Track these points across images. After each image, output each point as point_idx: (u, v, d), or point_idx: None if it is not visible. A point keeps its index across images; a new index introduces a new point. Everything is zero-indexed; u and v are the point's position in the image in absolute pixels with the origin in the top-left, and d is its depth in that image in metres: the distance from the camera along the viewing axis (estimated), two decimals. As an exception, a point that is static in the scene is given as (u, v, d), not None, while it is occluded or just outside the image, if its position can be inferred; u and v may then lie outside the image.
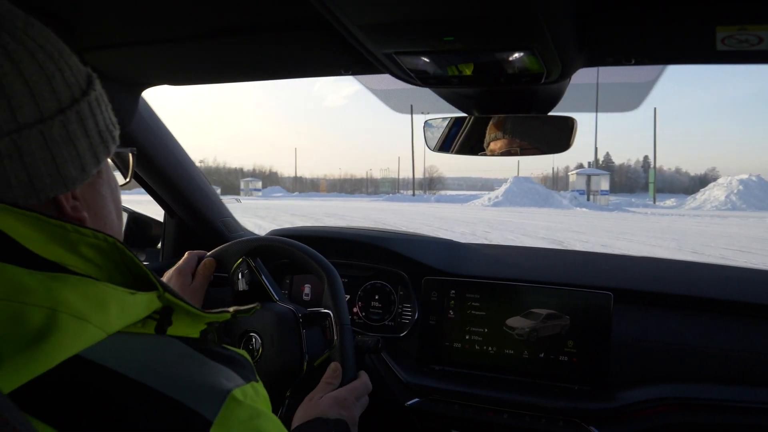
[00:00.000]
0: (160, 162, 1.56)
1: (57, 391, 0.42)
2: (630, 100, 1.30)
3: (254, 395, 0.52)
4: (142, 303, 0.49)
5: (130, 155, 0.73)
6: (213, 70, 1.30)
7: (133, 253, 0.53)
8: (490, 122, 1.23)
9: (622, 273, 1.48)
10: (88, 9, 1.01)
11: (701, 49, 0.92)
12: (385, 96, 1.41)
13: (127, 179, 0.71)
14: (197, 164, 1.74)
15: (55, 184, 0.51)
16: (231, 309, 0.59)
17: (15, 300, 0.42)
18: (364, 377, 1.09)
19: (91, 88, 0.55)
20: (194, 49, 1.14)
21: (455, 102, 1.27)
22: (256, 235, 1.92)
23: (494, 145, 1.23)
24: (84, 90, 0.54)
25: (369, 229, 1.81)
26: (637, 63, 1.00)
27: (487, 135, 1.23)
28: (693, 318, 1.35)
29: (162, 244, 1.85)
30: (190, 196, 1.71)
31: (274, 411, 0.93)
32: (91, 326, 0.44)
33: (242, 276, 1.23)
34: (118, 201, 0.63)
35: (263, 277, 1.23)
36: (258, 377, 0.56)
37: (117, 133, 0.59)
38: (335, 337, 1.12)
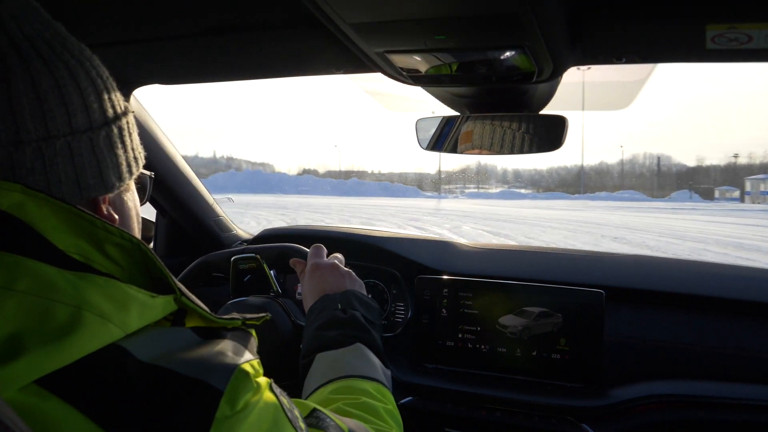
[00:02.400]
0: (151, 162, 1.56)
1: (79, 370, 0.45)
2: (620, 98, 1.31)
3: (258, 368, 0.56)
4: (160, 306, 0.52)
5: (149, 179, 0.75)
6: (203, 69, 1.30)
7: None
8: (480, 118, 1.23)
9: (614, 271, 1.49)
10: (78, 8, 1.00)
11: (691, 48, 0.93)
12: (377, 95, 1.41)
13: (144, 201, 0.76)
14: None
15: (97, 186, 0.57)
16: (239, 317, 0.61)
17: (44, 296, 0.45)
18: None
19: (129, 111, 0.64)
20: (184, 48, 1.14)
21: (447, 101, 1.27)
22: (247, 235, 1.92)
23: (483, 148, 1.23)
24: (124, 111, 0.62)
25: (361, 228, 1.81)
26: (628, 62, 1.00)
27: (477, 132, 1.24)
28: (684, 315, 1.35)
29: (154, 244, 1.84)
30: (182, 196, 1.70)
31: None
32: (112, 325, 0.47)
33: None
34: (139, 214, 0.70)
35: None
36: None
37: (144, 154, 0.67)
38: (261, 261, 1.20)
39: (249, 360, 0.54)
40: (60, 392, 0.44)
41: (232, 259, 1.24)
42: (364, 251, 1.64)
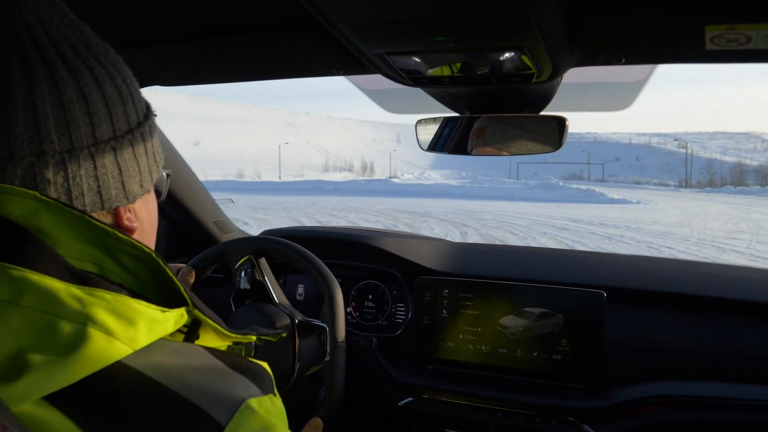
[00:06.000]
0: None
1: (82, 385, 0.44)
2: (621, 99, 1.31)
3: (270, 407, 0.53)
4: (171, 320, 0.51)
5: (166, 176, 0.74)
6: (202, 71, 1.30)
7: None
8: (480, 119, 1.23)
9: (615, 272, 1.49)
10: (79, 11, 1.00)
11: (691, 49, 0.93)
12: (376, 96, 1.41)
13: (161, 200, 0.75)
14: None
15: (119, 196, 0.56)
16: (253, 333, 0.60)
17: (49, 312, 0.44)
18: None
19: (151, 114, 0.61)
20: (183, 50, 1.14)
21: (447, 102, 1.27)
22: (252, 235, 1.92)
23: (484, 148, 1.23)
24: (146, 115, 0.60)
25: (362, 229, 1.81)
26: (628, 62, 1.00)
27: (477, 132, 1.24)
28: (685, 316, 1.35)
29: (155, 246, 1.84)
30: (183, 197, 1.70)
31: None
32: (118, 343, 0.46)
33: (245, 274, 1.23)
34: (156, 218, 0.69)
35: (266, 278, 1.22)
36: (276, 391, 0.57)
37: (163, 156, 0.65)
38: (328, 354, 1.12)
39: (257, 396, 0.52)
40: (61, 406, 0.43)
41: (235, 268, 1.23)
42: (365, 252, 1.64)
